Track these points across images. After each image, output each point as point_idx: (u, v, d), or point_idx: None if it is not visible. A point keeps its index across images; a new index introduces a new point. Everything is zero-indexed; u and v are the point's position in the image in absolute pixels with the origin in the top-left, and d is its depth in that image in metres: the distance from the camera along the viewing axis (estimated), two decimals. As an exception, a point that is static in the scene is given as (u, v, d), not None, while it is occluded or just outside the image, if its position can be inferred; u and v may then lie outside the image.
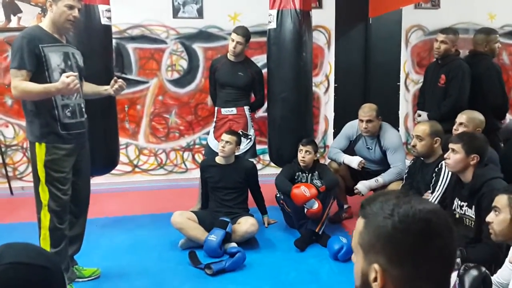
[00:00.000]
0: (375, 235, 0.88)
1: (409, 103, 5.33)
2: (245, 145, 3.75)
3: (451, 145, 2.49)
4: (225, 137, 3.40)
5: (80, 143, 2.57)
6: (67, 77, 2.24)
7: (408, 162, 3.32)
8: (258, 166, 5.05)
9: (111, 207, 4.23)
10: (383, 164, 3.58)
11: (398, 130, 5.32)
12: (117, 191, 4.72)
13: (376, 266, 0.88)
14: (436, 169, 2.80)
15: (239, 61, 3.77)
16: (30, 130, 2.45)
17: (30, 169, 4.72)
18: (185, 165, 5.07)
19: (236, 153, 3.50)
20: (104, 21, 3.30)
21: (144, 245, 3.32)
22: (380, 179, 3.44)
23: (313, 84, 4.84)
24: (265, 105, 4.04)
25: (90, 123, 2.67)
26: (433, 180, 2.78)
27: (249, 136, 3.81)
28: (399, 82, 5.30)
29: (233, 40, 3.67)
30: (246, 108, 3.81)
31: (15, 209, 4.21)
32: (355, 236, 0.94)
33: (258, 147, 4.94)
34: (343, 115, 5.04)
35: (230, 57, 3.77)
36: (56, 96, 2.40)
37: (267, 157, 4.22)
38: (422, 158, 3.00)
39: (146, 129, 4.94)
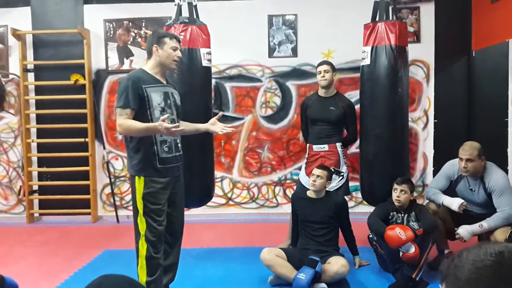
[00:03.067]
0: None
1: (519, 140, 4.89)
2: (337, 182, 3.70)
3: None
4: (316, 171, 3.39)
5: (175, 177, 2.72)
6: (163, 120, 2.41)
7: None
8: (350, 204, 4.96)
9: (206, 238, 4.40)
10: (488, 208, 3.28)
11: (507, 170, 4.89)
12: (212, 222, 4.90)
13: None
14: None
15: (330, 95, 3.80)
16: (130, 164, 2.64)
17: (134, 198, 5.13)
18: (276, 199, 5.12)
19: (327, 189, 3.46)
20: (205, 63, 3.54)
21: (235, 278, 3.37)
22: (485, 224, 3.15)
23: (410, 119, 4.71)
24: (358, 141, 3.98)
25: (189, 157, 2.83)
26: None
27: (342, 173, 3.75)
28: (507, 118, 4.90)
29: (320, 72, 3.75)
30: (338, 144, 3.78)
31: (120, 236, 4.55)
32: None
33: (350, 183, 4.84)
34: (444, 152, 4.79)
35: (321, 92, 3.82)
36: (156, 133, 2.59)
37: (359, 195, 4.12)
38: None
39: (240, 164, 5.11)
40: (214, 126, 2.84)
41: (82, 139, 5.04)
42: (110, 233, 4.70)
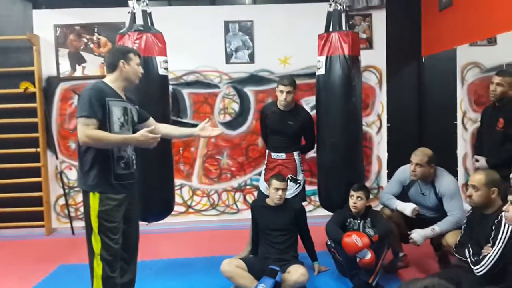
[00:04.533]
0: None
1: (467, 142, 5.12)
2: (294, 190, 3.75)
3: (510, 197, 2.35)
4: (280, 185, 3.41)
5: (131, 193, 2.68)
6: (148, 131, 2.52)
7: (466, 212, 3.16)
8: (309, 207, 5.05)
9: (165, 248, 4.34)
10: (439, 211, 3.42)
11: (457, 171, 5.12)
12: (171, 231, 4.84)
13: None
14: (496, 221, 2.64)
15: (288, 109, 3.79)
16: (83, 180, 2.56)
17: (91, 209, 4.99)
18: (237, 206, 5.13)
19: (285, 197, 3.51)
20: (161, 71, 3.48)
21: (195, 291, 3.36)
22: (437, 228, 3.28)
23: (365, 124, 4.82)
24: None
25: (147, 169, 2.79)
26: (492, 233, 2.62)
27: (298, 181, 3.81)
28: (456, 121, 5.13)
29: (282, 92, 3.69)
30: (295, 153, 3.83)
31: (76, 249, 4.41)
32: None
33: (309, 187, 4.94)
34: (397, 155, 4.95)
35: (280, 106, 3.79)
36: (113, 149, 2.54)
37: (318, 198, 4.17)
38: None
39: (200, 170, 5.07)
40: (204, 131, 2.98)
41: (33, 149, 4.85)
42: (65, 246, 4.55)
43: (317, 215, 4.80)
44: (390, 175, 4.87)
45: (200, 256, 4.09)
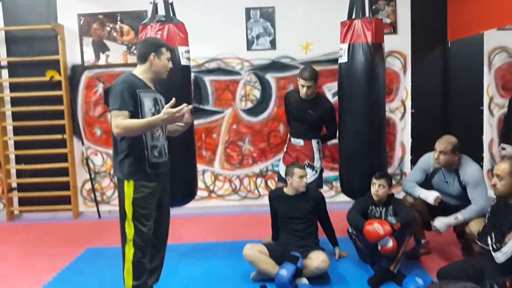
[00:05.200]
0: None
1: (493, 128, 5.02)
2: (310, 176, 3.77)
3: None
4: (304, 172, 3.44)
5: (164, 181, 2.73)
6: (171, 106, 2.41)
7: (491, 200, 3.12)
8: (331, 193, 5.06)
9: (188, 233, 4.42)
10: (463, 199, 3.39)
11: (482, 158, 5.04)
12: (194, 216, 4.93)
13: None
14: (521, 211, 2.61)
15: (310, 98, 3.80)
16: (119, 168, 2.61)
17: (116, 193, 5.11)
18: (258, 191, 5.17)
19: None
20: (183, 62, 3.51)
21: (218, 275, 3.42)
22: (460, 216, 3.26)
23: (388, 110, 4.77)
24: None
25: (171, 157, 2.81)
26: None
27: (315, 168, 3.86)
28: (482, 106, 5.03)
29: (303, 86, 3.71)
30: (314, 141, 3.88)
31: (102, 232, 4.55)
32: None
33: (331, 173, 4.96)
34: (421, 141, 4.90)
35: (302, 94, 3.80)
36: (147, 138, 2.58)
37: (339, 184, 4.17)
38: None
39: (222, 157, 5.12)
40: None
41: (60, 136, 4.98)
42: (92, 230, 4.69)
43: (339, 200, 4.82)
44: (413, 162, 4.82)
45: (222, 241, 4.16)
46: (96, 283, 3.37)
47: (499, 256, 2.57)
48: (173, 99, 2.45)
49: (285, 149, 4.07)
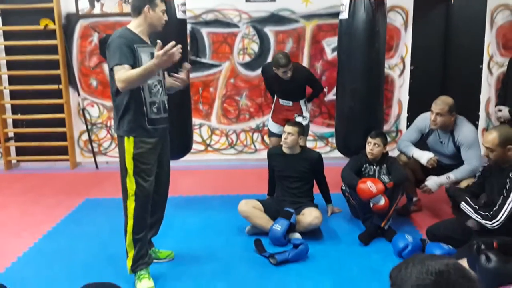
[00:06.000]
0: None
1: (491, 87, 5.01)
2: (302, 121, 3.95)
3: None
4: (287, 128, 3.44)
5: (163, 137, 2.74)
6: (160, 47, 2.31)
7: (483, 161, 3.16)
8: (326, 149, 5.11)
9: (184, 185, 4.49)
10: (456, 159, 3.43)
11: (478, 115, 5.05)
12: (191, 169, 4.99)
13: None
14: (510, 174, 2.65)
15: (290, 78, 3.90)
16: (119, 125, 2.61)
17: (113, 145, 5.14)
18: (255, 146, 5.21)
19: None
20: (179, 15, 3.42)
21: (213, 228, 3.51)
22: (452, 175, 3.31)
23: (387, 66, 4.73)
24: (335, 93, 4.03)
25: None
26: (507, 186, 2.64)
27: (305, 116, 4.07)
28: (481, 65, 4.98)
29: (284, 72, 3.78)
30: (301, 101, 4.09)
31: (100, 183, 4.62)
32: None
33: (327, 130, 4.98)
34: (419, 99, 4.89)
35: (286, 78, 3.87)
36: (145, 94, 2.56)
37: (335, 140, 4.21)
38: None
39: (218, 111, 5.12)
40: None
41: (55, 86, 4.94)
42: (89, 180, 4.75)
43: (333, 156, 4.87)
44: (410, 119, 4.85)
45: (218, 194, 4.24)
46: (95, 233, 3.45)
47: (495, 223, 2.62)
48: (158, 42, 2.36)
49: (272, 107, 4.21)
